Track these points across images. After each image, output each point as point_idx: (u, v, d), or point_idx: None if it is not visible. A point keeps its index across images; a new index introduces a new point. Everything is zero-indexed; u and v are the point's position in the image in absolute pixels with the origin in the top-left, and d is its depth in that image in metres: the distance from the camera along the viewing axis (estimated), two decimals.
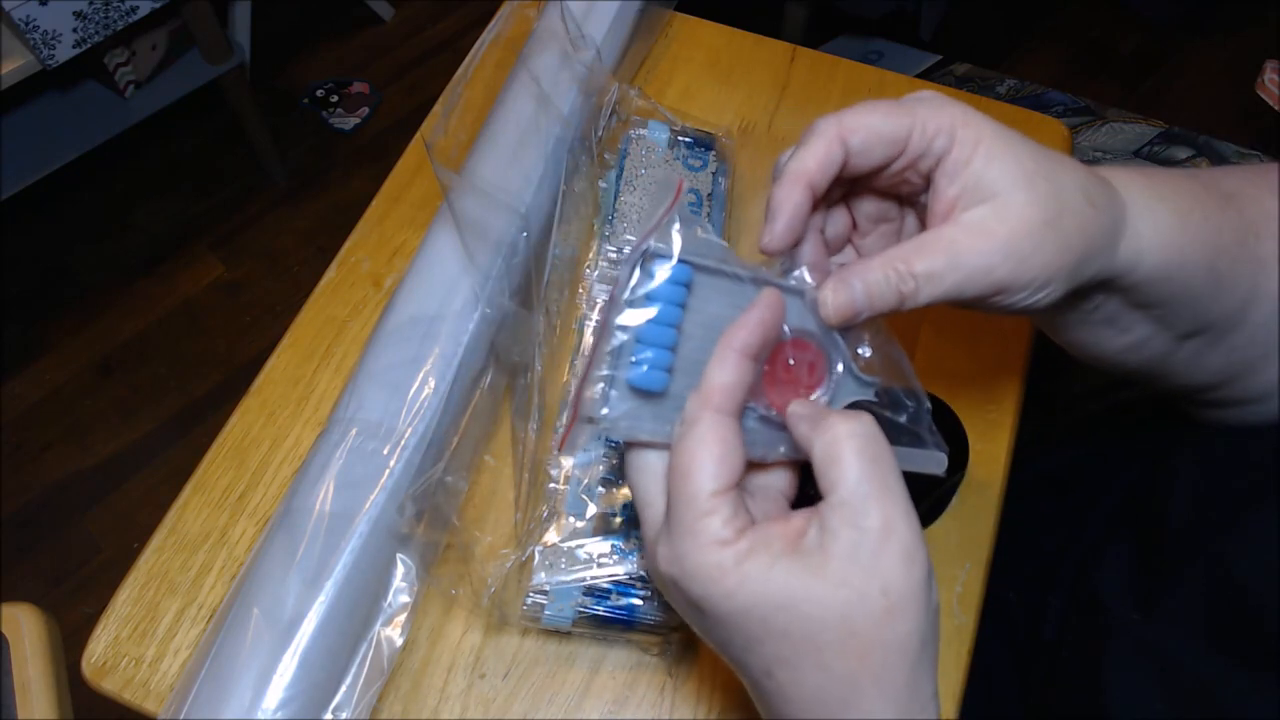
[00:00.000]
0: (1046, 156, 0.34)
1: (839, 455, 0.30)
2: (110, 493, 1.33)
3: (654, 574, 0.33)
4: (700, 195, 0.55)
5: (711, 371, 0.31)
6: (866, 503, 0.29)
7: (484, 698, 0.45)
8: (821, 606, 0.29)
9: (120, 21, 1.16)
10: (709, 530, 0.29)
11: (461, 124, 0.56)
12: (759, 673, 0.30)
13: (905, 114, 0.34)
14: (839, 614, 0.29)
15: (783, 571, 0.29)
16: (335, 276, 0.57)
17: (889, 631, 0.29)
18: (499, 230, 0.50)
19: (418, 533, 0.45)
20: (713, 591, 0.29)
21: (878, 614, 0.29)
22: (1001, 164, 0.33)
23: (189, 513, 0.49)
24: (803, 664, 0.29)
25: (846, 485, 0.29)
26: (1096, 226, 0.34)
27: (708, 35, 0.68)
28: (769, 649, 0.29)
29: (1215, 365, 0.41)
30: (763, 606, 0.29)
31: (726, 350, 0.31)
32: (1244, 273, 0.38)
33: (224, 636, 0.41)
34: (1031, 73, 1.67)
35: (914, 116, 0.34)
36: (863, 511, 0.29)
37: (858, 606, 0.29)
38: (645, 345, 0.31)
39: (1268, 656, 0.34)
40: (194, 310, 1.49)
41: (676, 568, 0.30)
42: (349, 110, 1.69)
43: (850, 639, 0.29)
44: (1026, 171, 0.33)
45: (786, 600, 0.29)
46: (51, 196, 1.55)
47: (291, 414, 0.52)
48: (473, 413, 0.49)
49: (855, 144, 0.34)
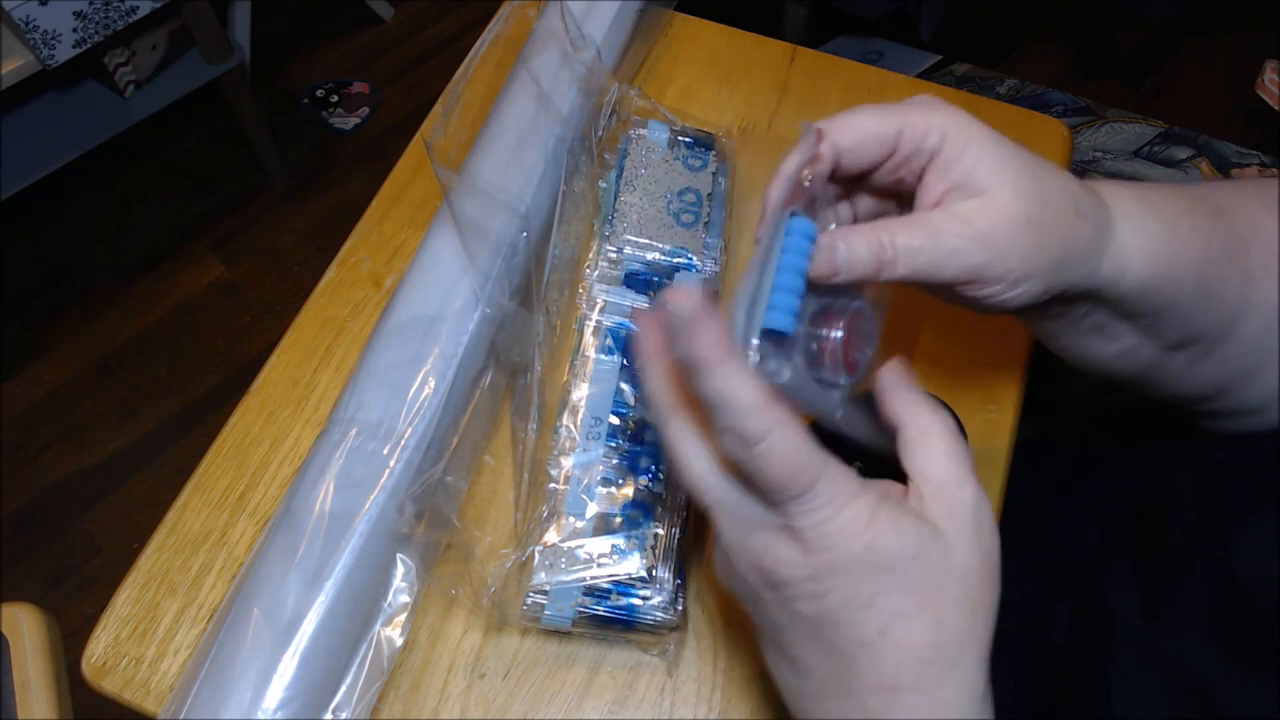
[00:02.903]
0: (1036, 162, 0.35)
1: (928, 433, 0.32)
2: (110, 493, 1.33)
3: (746, 556, 0.31)
4: (700, 195, 0.55)
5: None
6: (960, 479, 0.31)
7: (484, 698, 0.45)
8: (945, 560, 0.30)
9: (120, 21, 1.16)
10: (843, 503, 0.30)
11: (461, 124, 0.56)
12: (874, 630, 0.30)
13: (896, 115, 0.35)
14: (960, 571, 0.30)
15: (911, 524, 0.30)
16: (335, 276, 0.57)
17: (990, 596, 0.31)
18: (499, 230, 0.50)
19: (418, 533, 0.45)
20: (853, 546, 0.29)
21: (984, 576, 0.30)
22: (990, 163, 0.34)
23: (189, 513, 0.49)
24: (922, 618, 0.30)
25: (938, 461, 0.31)
26: (1080, 232, 0.35)
27: (708, 35, 0.68)
28: (894, 601, 0.29)
29: (1209, 375, 0.41)
30: (898, 555, 0.29)
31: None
32: (1233, 285, 0.38)
33: (224, 636, 0.41)
34: (1031, 73, 1.67)
35: (905, 117, 0.35)
36: (957, 484, 0.31)
37: (973, 566, 0.30)
38: (780, 290, 0.32)
39: (1272, 659, 0.34)
40: (194, 310, 1.49)
41: (809, 534, 0.29)
42: (349, 110, 1.69)
43: (965, 598, 0.30)
44: (1014, 171, 0.35)
45: (918, 551, 0.29)
46: (51, 196, 1.55)
47: (291, 414, 0.52)
48: (473, 413, 0.49)
49: (846, 143, 0.35)
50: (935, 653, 0.30)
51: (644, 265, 0.52)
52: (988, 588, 0.31)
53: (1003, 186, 0.34)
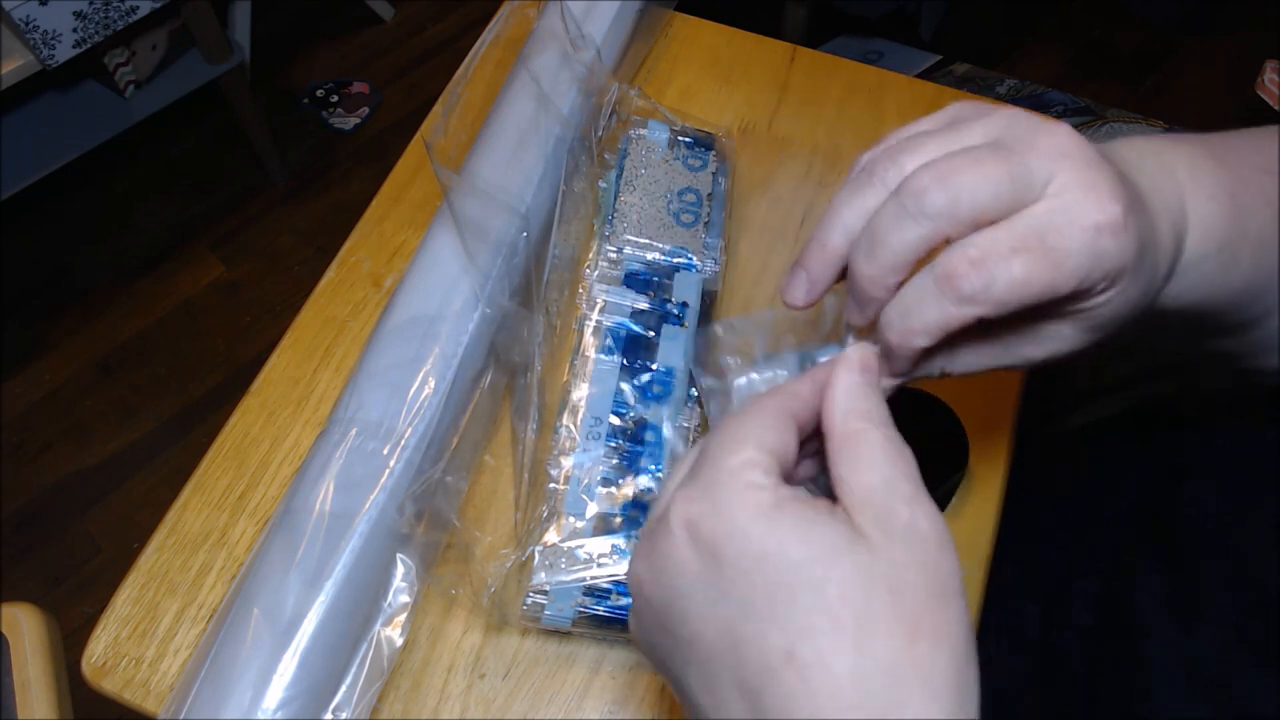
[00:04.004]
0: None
1: (857, 437, 0.28)
2: (110, 493, 1.33)
3: (652, 529, 0.28)
4: (700, 195, 0.55)
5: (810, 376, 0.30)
6: (891, 483, 0.27)
7: (484, 698, 0.45)
8: (869, 569, 0.25)
9: (120, 21, 1.16)
10: (750, 473, 0.27)
11: (461, 124, 0.56)
12: (778, 656, 0.24)
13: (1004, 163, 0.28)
14: (889, 584, 0.24)
15: (826, 522, 0.25)
16: (335, 276, 0.57)
17: (942, 622, 0.25)
18: (499, 230, 0.50)
19: (418, 533, 0.45)
20: (748, 528, 0.25)
21: (930, 595, 0.25)
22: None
23: (189, 513, 0.49)
24: (838, 639, 0.24)
25: (867, 468, 0.27)
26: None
27: (708, 35, 0.68)
28: (800, 615, 0.24)
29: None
30: (800, 554, 0.25)
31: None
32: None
33: (224, 636, 0.41)
34: (1031, 73, 1.67)
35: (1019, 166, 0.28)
36: (887, 490, 0.26)
37: (910, 581, 0.25)
38: None
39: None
40: (194, 310, 1.49)
41: (702, 504, 0.26)
42: (349, 110, 1.69)
43: (898, 620, 0.24)
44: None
45: (830, 554, 0.25)
46: (51, 196, 1.55)
47: (291, 414, 0.52)
48: (473, 413, 0.49)
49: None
50: (858, 685, 0.23)
51: (644, 265, 0.52)
52: (938, 611, 0.25)
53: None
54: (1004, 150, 0.28)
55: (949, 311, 0.28)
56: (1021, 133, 0.29)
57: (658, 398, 0.48)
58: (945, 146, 0.29)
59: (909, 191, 0.28)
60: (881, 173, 0.29)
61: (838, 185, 0.32)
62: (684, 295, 0.51)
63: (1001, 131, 0.29)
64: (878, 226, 0.28)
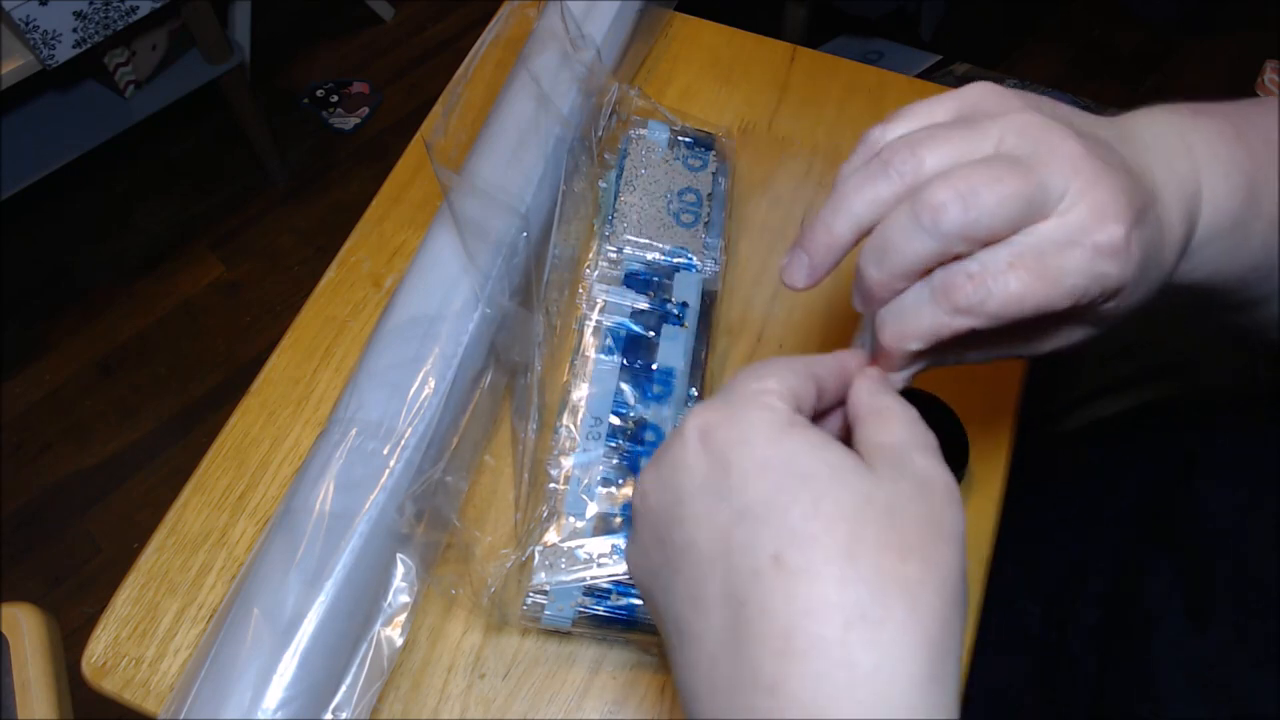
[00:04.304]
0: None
1: (884, 411, 0.28)
2: (110, 493, 1.33)
3: (666, 443, 0.28)
4: (700, 195, 0.55)
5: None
6: (912, 446, 0.27)
7: (484, 698, 0.45)
8: (868, 491, 0.25)
9: (120, 21, 1.16)
10: (770, 396, 0.27)
11: (461, 124, 0.56)
12: (766, 560, 0.24)
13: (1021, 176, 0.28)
14: (887, 507, 0.25)
15: (836, 451, 0.26)
16: (335, 276, 0.57)
17: (935, 548, 0.24)
18: (499, 230, 0.50)
19: (418, 533, 0.45)
20: (759, 438, 0.26)
21: (927, 528, 0.25)
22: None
23: (189, 513, 0.49)
24: (828, 546, 0.24)
25: (889, 430, 0.28)
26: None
27: (708, 35, 0.68)
28: (795, 519, 0.24)
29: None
30: (806, 467, 0.25)
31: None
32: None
33: (224, 636, 0.41)
34: (1031, 73, 1.67)
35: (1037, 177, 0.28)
36: (908, 449, 0.27)
37: (912, 513, 0.25)
38: None
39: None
40: (194, 310, 1.49)
41: (719, 413, 0.27)
42: (349, 110, 1.69)
43: (889, 546, 0.24)
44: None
45: (833, 471, 0.25)
46: (51, 196, 1.55)
47: (291, 414, 0.52)
48: (473, 413, 0.49)
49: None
50: (842, 593, 0.23)
51: (644, 265, 0.52)
52: (932, 544, 0.24)
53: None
54: (1022, 167, 0.28)
55: (942, 321, 0.28)
56: (1040, 143, 0.28)
57: (658, 398, 0.48)
58: (964, 149, 0.29)
59: (926, 206, 0.27)
60: (899, 164, 0.29)
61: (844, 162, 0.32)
62: (684, 295, 0.51)
63: (1019, 138, 0.29)
64: (890, 235, 0.29)
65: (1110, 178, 0.28)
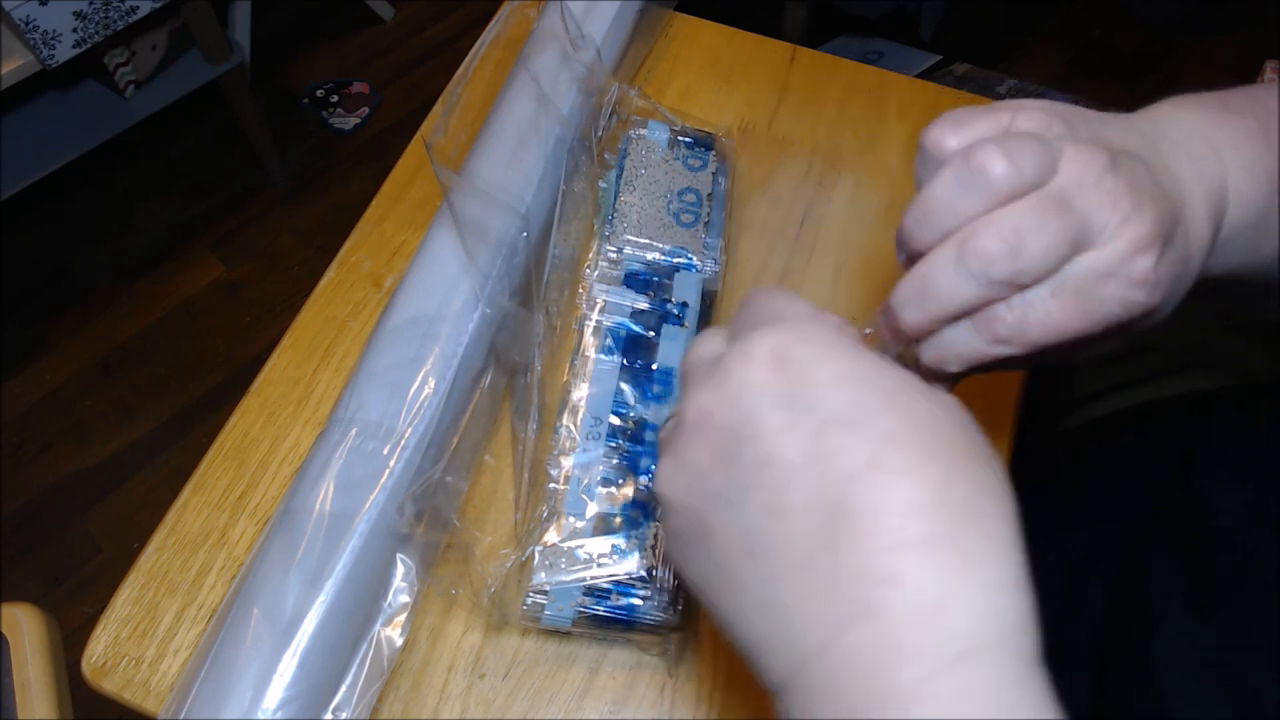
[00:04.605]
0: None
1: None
2: (110, 493, 1.33)
3: (710, 370, 0.28)
4: (700, 195, 0.55)
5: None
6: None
7: (484, 698, 0.45)
8: (940, 402, 0.26)
9: (120, 21, 1.16)
10: (829, 317, 0.28)
11: (461, 124, 0.56)
12: (862, 463, 0.24)
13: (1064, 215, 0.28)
14: (959, 420, 0.26)
15: (901, 369, 0.26)
16: (335, 276, 0.57)
17: (997, 469, 0.26)
18: (499, 230, 0.50)
19: (418, 533, 0.45)
20: (841, 354, 0.26)
21: (984, 446, 0.26)
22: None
23: (189, 513, 0.49)
24: (924, 453, 0.24)
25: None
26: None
27: (708, 35, 0.68)
28: (886, 423, 0.25)
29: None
30: (889, 381, 0.26)
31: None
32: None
33: (224, 636, 0.41)
34: (1031, 73, 1.67)
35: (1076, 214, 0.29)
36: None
37: (968, 425, 0.26)
38: None
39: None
40: (194, 310, 1.49)
41: (791, 334, 0.27)
42: (349, 110, 1.69)
43: (967, 451, 0.25)
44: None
45: (909, 385, 0.26)
46: (51, 196, 1.55)
47: (291, 414, 0.52)
48: (473, 413, 0.49)
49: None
50: (943, 492, 0.24)
51: (644, 265, 0.52)
52: (994, 460, 0.26)
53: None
54: (1066, 208, 0.28)
55: (982, 350, 0.29)
56: (1085, 181, 0.28)
57: (658, 398, 0.48)
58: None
59: (974, 254, 0.28)
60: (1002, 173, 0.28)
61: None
62: (684, 295, 0.51)
63: (1064, 171, 0.29)
64: (934, 279, 0.29)
65: (1147, 209, 0.29)
